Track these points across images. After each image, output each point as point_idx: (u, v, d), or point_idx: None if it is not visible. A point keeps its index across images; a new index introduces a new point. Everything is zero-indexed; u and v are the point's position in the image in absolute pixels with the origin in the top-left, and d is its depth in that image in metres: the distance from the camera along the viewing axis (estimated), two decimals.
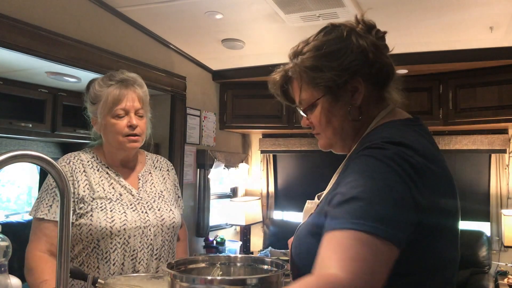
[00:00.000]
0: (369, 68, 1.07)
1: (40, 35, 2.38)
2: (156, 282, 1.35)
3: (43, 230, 1.55)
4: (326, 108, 1.09)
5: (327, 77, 1.06)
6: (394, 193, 0.87)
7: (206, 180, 3.99)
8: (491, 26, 2.84)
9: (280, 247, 3.83)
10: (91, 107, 1.66)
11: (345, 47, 1.06)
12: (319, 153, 4.52)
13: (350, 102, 1.07)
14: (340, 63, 1.06)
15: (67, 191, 0.98)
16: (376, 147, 0.94)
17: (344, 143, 1.13)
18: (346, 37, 1.07)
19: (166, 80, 3.37)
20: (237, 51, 3.55)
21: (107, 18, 2.90)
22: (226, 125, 4.32)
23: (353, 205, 0.86)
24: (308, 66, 1.08)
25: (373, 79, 1.08)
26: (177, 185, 1.89)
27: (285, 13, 2.75)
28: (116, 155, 1.70)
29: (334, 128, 1.11)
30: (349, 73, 1.05)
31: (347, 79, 1.06)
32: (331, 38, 1.09)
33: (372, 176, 0.89)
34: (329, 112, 1.09)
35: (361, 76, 1.06)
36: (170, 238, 1.71)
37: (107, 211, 1.57)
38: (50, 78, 2.82)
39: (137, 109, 1.63)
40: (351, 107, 1.07)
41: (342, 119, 1.09)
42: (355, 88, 1.06)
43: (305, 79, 1.10)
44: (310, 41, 1.12)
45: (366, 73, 1.06)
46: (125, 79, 1.64)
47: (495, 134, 3.77)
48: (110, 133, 1.63)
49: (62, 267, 0.99)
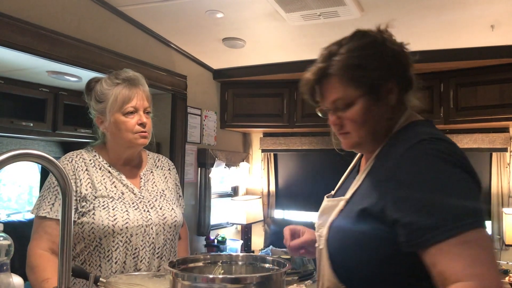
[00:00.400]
0: (401, 72, 1.14)
1: (41, 34, 2.38)
2: (158, 280, 1.35)
3: (45, 228, 1.55)
4: (366, 106, 1.12)
5: (371, 76, 1.11)
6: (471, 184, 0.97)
7: (207, 179, 3.99)
8: (492, 25, 2.84)
9: (281, 246, 3.82)
10: (96, 106, 1.66)
11: (383, 50, 1.13)
12: (319, 152, 4.53)
13: (386, 103, 1.13)
14: (381, 64, 1.11)
15: (69, 190, 0.99)
16: (424, 143, 1.01)
17: (374, 143, 1.17)
18: (381, 41, 1.14)
19: (167, 79, 3.38)
20: (238, 50, 3.55)
21: (108, 17, 2.90)
22: (227, 124, 4.32)
23: (444, 209, 0.92)
24: (353, 64, 1.11)
25: (402, 83, 1.14)
26: (178, 184, 1.89)
27: (285, 11, 2.75)
28: (122, 153, 1.70)
29: (369, 127, 1.14)
30: (388, 74, 1.12)
31: (386, 80, 1.12)
32: (367, 42, 1.14)
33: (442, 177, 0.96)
34: (368, 110, 1.12)
35: (395, 79, 1.13)
36: (172, 237, 1.72)
37: (109, 209, 1.57)
38: (51, 77, 2.82)
39: (146, 108, 1.67)
40: (387, 107, 1.13)
41: (378, 119, 1.14)
42: (390, 89, 1.13)
43: (347, 77, 1.12)
44: (344, 43, 1.15)
45: (399, 76, 1.14)
46: (132, 78, 1.66)
47: (496, 132, 3.77)
48: (120, 131, 1.64)
49: (64, 266, 0.99)
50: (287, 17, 2.83)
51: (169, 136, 3.54)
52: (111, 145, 1.70)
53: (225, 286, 1.01)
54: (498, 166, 3.77)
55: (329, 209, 1.19)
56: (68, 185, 0.99)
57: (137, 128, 1.64)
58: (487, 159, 3.89)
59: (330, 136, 1.26)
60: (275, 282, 1.07)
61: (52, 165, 0.96)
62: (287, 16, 2.81)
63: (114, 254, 1.56)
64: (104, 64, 2.72)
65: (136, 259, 1.59)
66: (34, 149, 0.95)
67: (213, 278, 1.06)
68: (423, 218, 0.93)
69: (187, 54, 3.74)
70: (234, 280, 1.04)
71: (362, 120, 1.13)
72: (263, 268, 1.26)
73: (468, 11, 2.66)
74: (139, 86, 1.67)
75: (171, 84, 3.43)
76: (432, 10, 2.69)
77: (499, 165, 3.77)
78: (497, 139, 3.76)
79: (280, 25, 3.00)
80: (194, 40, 3.44)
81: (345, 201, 1.15)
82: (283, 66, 3.87)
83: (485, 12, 2.68)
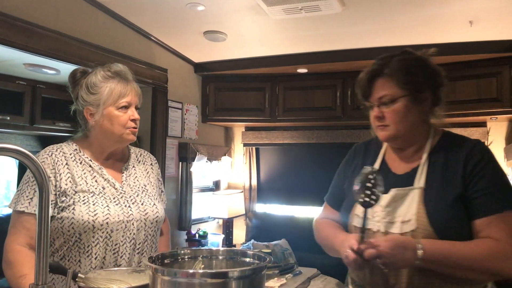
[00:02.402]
0: (436, 87, 1.46)
1: (18, 26, 2.33)
2: (137, 276, 1.35)
3: (23, 223, 1.52)
4: (406, 105, 1.42)
5: (416, 81, 1.42)
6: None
7: (188, 173, 3.97)
8: (470, 21, 2.88)
9: (263, 239, 3.84)
10: (88, 97, 1.63)
11: (426, 65, 1.46)
12: (301, 146, 4.55)
13: (421, 107, 1.44)
14: (424, 75, 1.43)
15: (46, 185, 0.97)
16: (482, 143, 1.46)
17: (409, 138, 1.48)
18: (425, 59, 1.47)
19: (147, 73, 3.34)
20: (219, 44, 3.54)
21: (86, 9, 2.86)
22: (209, 118, 4.31)
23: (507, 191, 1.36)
24: (404, 69, 1.42)
25: (435, 96, 1.46)
26: (160, 179, 1.88)
27: (267, 5, 2.74)
28: (107, 147, 1.68)
29: (407, 123, 1.44)
30: (428, 85, 1.44)
31: (426, 89, 1.43)
32: (415, 57, 1.47)
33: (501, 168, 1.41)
34: (406, 109, 1.42)
35: (431, 90, 1.45)
36: (153, 232, 1.70)
37: (90, 204, 1.55)
38: (29, 70, 2.77)
39: (137, 104, 1.69)
40: (422, 111, 1.45)
41: (415, 118, 1.44)
42: (426, 97, 1.44)
43: (397, 78, 1.42)
44: (398, 55, 1.47)
45: (434, 89, 1.45)
46: (123, 73, 1.67)
47: (474, 127, 3.83)
48: (112, 125, 1.63)
49: (41, 262, 0.97)
50: (269, 10, 2.82)
51: (150, 130, 3.51)
52: (97, 138, 1.68)
53: (205, 281, 1.01)
54: None
55: (401, 197, 1.42)
56: (45, 180, 0.97)
57: (129, 123, 1.64)
58: None
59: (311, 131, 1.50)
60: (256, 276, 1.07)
61: (28, 159, 0.94)
62: (269, 9, 2.81)
63: (94, 250, 1.54)
64: (82, 57, 2.68)
65: (116, 255, 1.57)
66: (10, 143, 0.93)
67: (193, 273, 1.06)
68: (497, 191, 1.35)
69: (168, 47, 3.70)
70: (214, 275, 1.04)
71: (402, 115, 1.42)
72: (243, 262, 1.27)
73: (447, 6, 2.70)
74: (132, 82, 1.68)
75: (151, 77, 3.39)
76: (412, 6, 2.71)
77: None
78: (475, 134, 3.82)
79: (262, 18, 2.99)
80: (175, 33, 3.41)
81: (421, 190, 1.40)
82: (265, 60, 3.87)
83: (464, 8, 2.71)
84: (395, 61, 1.44)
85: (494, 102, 3.41)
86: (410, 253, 1.29)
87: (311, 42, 3.47)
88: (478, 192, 1.35)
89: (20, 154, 0.93)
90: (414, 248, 1.29)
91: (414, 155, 1.50)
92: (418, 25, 3.01)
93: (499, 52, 3.27)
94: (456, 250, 1.30)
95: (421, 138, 1.50)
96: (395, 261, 1.29)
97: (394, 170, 1.53)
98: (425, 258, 1.29)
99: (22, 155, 0.93)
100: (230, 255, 1.31)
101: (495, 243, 1.30)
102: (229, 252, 1.32)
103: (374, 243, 1.29)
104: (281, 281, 3.05)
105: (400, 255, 1.28)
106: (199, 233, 4.02)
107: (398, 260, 1.29)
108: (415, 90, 1.42)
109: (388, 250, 1.27)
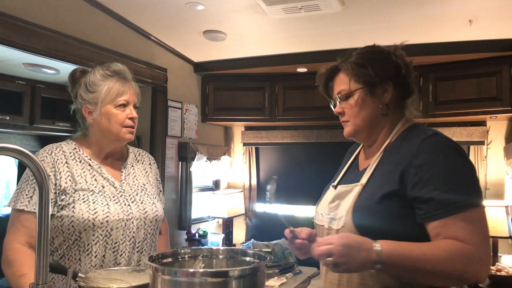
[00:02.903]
0: (399, 79, 1.40)
1: (17, 26, 2.33)
2: (138, 275, 1.35)
3: (22, 222, 1.52)
4: (362, 98, 1.39)
5: (367, 73, 1.37)
6: (473, 171, 1.27)
7: (188, 173, 3.97)
8: (470, 20, 2.88)
9: (263, 239, 3.83)
10: (86, 95, 1.64)
11: (385, 58, 1.40)
12: (301, 146, 4.55)
13: (381, 99, 1.39)
14: (380, 68, 1.38)
15: (45, 184, 0.97)
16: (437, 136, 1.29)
17: (369, 133, 1.43)
18: (387, 53, 1.41)
19: (146, 72, 3.34)
20: (219, 43, 3.53)
21: (86, 9, 2.85)
22: (208, 118, 4.30)
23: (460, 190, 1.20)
24: (357, 63, 1.39)
25: (400, 89, 1.41)
26: (159, 179, 1.88)
27: (267, 4, 2.74)
28: (105, 146, 1.68)
29: (364, 117, 1.40)
30: (384, 76, 1.38)
31: (382, 80, 1.38)
32: (376, 50, 1.44)
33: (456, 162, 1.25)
34: (363, 102, 1.39)
35: (392, 82, 1.38)
36: (153, 231, 1.71)
37: (90, 203, 1.56)
38: (28, 70, 2.77)
39: (135, 103, 1.69)
40: (382, 104, 1.39)
41: (372, 111, 1.39)
42: (385, 89, 1.39)
43: (351, 72, 1.40)
44: (358, 50, 1.44)
45: (396, 82, 1.39)
46: (123, 72, 1.68)
47: (473, 126, 3.83)
48: (110, 123, 1.63)
49: (41, 261, 0.97)
50: (268, 10, 2.82)
51: (150, 130, 3.51)
52: (95, 137, 1.68)
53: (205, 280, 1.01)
54: (476, 159, 3.84)
55: (345, 194, 1.39)
56: (45, 179, 0.97)
57: (127, 121, 1.65)
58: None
59: (311, 130, 1.50)
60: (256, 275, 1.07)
61: (28, 159, 0.94)
62: (268, 9, 2.80)
63: (93, 248, 1.54)
64: (82, 57, 2.67)
65: (116, 253, 1.58)
66: (10, 143, 0.93)
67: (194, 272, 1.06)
68: (441, 195, 1.19)
69: (167, 46, 3.70)
70: (214, 274, 1.04)
71: (358, 109, 1.39)
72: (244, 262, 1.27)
73: (447, 5, 2.69)
74: (131, 81, 1.69)
75: (151, 77, 3.39)
76: (412, 5, 2.71)
77: (476, 158, 3.84)
78: (474, 133, 3.82)
79: (261, 18, 2.99)
80: (174, 32, 3.41)
81: (361, 186, 1.35)
82: (264, 59, 3.87)
83: (464, 7, 2.71)
84: (353, 56, 1.42)
85: (493, 101, 3.41)
86: (366, 254, 1.15)
87: (310, 42, 3.46)
88: (428, 193, 1.20)
89: (20, 153, 0.93)
90: (369, 248, 1.15)
91: (376, 151, 1.43)
92: (417, 24, 3.01)
93: (499, 51, 3.27)
94: (417, 251, 1.16)
95: (384, 133, 1.42)
96: (348, 262, 1.15)
97: (360, 167, 1.50)
98: (384, 261, 1.14)
99: (22, 154, 0.93)
100: (230, 254, 1.31)
101: (457, 244, 1.15)
102: (229, 252, 1.32)
103: (326, 240, 1.19)
104: (281, 280, 3.05)
105: (355, 255, 1.15)
106: (199, 233, 4.02)
107: (352, 261, 1.15)
108: (370, 83, 1.37)
109: (339, 248, 1.15)
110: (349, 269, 1.18)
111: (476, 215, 1.19)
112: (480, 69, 3.45)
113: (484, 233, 1.19)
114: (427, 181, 1.21)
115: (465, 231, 1.16)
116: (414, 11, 2.79)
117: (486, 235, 1.19)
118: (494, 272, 3.12)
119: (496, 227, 3.29)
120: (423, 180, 1.21)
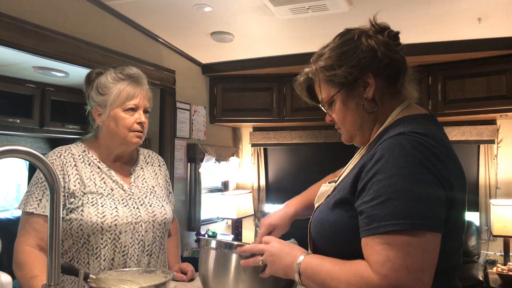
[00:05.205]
0: (377, 64, 1.15)
1: (27, 30, 2.35)
2: (148, 276, 1.35)
3: (32, 225, 1.53)
4: (342, 102, 1.19)
5: (339, 75, 1.16)
6: (424, 186, 0.97)
7: (197, 174, 3.98)
8: (479, 18, 2.86)
9: None
10: (97, 97, 1.64)
11: (355, 47, 1.16)
12: (309, 146, 4.54)
13: (363, 96, 1.16)
14: (351, 61, 1.15)
15: (57, 186, 0.97)
16: (401, 136, 1.03)
17: (363, 135, 1.22)
18: (357, 38, 1.18)
19: (155, 74, 3.35)
20: (227, 44, 3.54)
21: (94, 12, 2.87)
22: (217, 119, 4.31)
23: (390, 206, 0.96)
24: (323, 66, 1.20)
25: (383, 74, 1.16)
26: (168, 180, 1.88)
27: (274, 5, 2.74)
28: (114, 149, 1.68)
29: (351, 121, 1.20)
30: (359, 69, 1.15)
31: (357, 75, 1.15)
32: (343, 40, 1.20)
33: (402, 172, 0.97)
34: (344, 106, 1.19)
35: (371, 72, 1.15)
36: (161, 234, 1.71)
37: (98, 206, 1.56)
38: (38, 73, 2.79)
39: (146, 108, 1.67)
40: (365, 101, 1.16)
41: (357, 112, 1.18)
42: (366, 83, 1.16)
43: (322, 78, 1.21)
44: (328, 45, 1.24)
45: (375, 68, 1.15)
46: (136, 76, 1.66)
47: (483, 125, 3.81)
48: (117, 126, 1.62)
49: (53, 263, 0.98)
50: (276, 10, 2.82)
51: (158, 132, 3.52)
52: (104, 140, 1.68)
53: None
54: (486, 158, 3.81)
55: (322, 195, 1.25)
56: (56, 182, 0.97)
57: (135, 126, 1.63)
58: (475, 151, 3.93)
59: (319, 130, 1.35)
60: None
61: (39, 161, 0.94)
62: (276, 9, 2.80)
63: (102, 252, 1.54)
64: (91, 59, 2.69)
65: (125, 257, 1.58)
66: (21, 145, 0.94)
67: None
68: (371, 209, 0.98)
69: (175, 48, 3.71)
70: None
71: (343, 115, 1.20)
72: None
73: (455, 4, 2.68)
74: (143, 85, 1.67)
75: (159, 79, 3.40)
76: (420, 3, 2.70)
77: (486, 157, 3.81)
78: (484, 131, 3.79)
79: (269, 19, 2.99)
80: (182, 34, 3.42)
81: (331, 187, 1.21)
82: (272, 60, 3.87)
83: (472, 5, 2.69)
84: (321, 58, 1.22)
85: (503, 100, 3.38)
86: (290, 260, 1.12)
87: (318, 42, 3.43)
88: (363, 204, 1.01)
89: (30, 155, 0.93)
90: (296, 256, 1.11)
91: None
92: (426, 23, 2.99)
93: (509, 49, 3.24)
94: (327, 268, 1.05)
95: (377, 129, 1.21)
96: (273, 262, 1.15)
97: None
98: (301, 272, 1.09)
99: (33, 156, 0.94)
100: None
101: (365, 269, 0.97)
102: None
103: (269, 238, 1.20)
104: None
105: (281, 258, 1.13)
106: (209, 234, 4.03)
107: (277, 263, 1.14)
108: (345, 84, 1.16)
109: (270, 248, 1.15)
110: (273, 271, 1.16)
111: (405, 240, 0.93)
112: (490, 67, 3.42)
113: (406, 265, 0.92)
114: (368, 190, 1.01)
115: (378, 257, 0.95)
116: (422, 10, 2.78)
117: (410, 267, 0.92)
118: (506, 272, 3.09)
119: (507, 226, 3.27)
120: (365, 188, 1.02)
